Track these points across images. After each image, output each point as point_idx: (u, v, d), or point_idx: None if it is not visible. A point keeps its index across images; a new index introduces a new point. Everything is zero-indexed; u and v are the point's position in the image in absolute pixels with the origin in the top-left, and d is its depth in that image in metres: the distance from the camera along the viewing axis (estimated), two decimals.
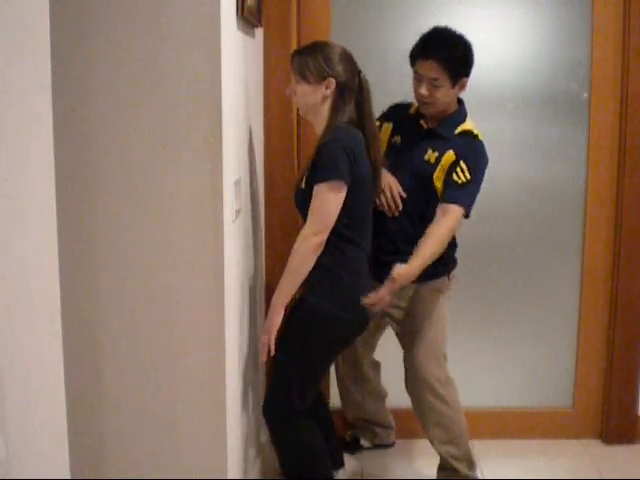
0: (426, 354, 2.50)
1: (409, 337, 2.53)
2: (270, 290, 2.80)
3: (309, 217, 2.12)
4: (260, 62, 2.66)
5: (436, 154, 2.40)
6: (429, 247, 2.29)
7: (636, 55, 2.74)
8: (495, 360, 3.04)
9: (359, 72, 2.22)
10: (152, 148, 1.77)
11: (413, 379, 2.52)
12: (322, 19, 2.79)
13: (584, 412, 3.03)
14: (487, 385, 3.04)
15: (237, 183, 2.02)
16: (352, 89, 2.19)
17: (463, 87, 2.40)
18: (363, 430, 2.89)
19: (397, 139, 2.50)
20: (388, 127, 2.53)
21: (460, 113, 2.45)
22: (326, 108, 2.18)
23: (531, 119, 2.88)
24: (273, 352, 2.15)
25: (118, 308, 1.84)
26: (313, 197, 2.11)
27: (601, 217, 2.90)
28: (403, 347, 2.57)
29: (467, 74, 2.38)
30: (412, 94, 2.46)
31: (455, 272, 2.58)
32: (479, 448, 2.82)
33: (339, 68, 2.16)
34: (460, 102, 2.47)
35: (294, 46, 2.74)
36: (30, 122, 1.02)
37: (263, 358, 2.21)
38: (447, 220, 2.33)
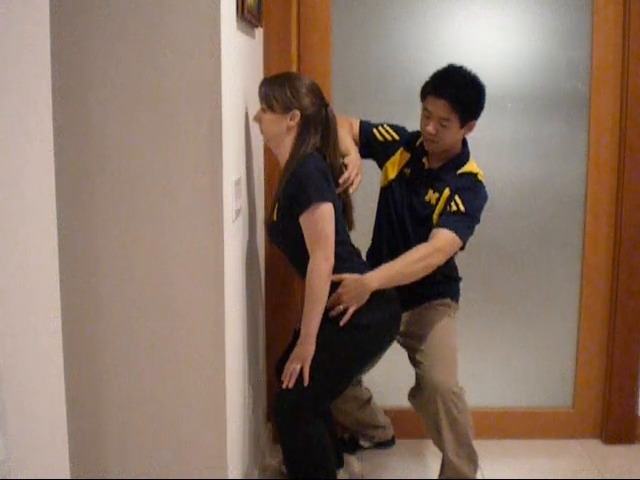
0: (440, 361, 2.42)
1: (419, 345, 2.47)
2: (270, 290, 2.81)
3: (312, 247, 2.12)
4: (260, 62, 2.66)
5: (436, 195, 2.41)
6: (400, 259, 2.29)
7: (636, 54, 2.74)
8: (495, 360, 3.04)
9: (326, 105, 2.23)
10: (152, 148, 1.77)
11: (427, 387, 2.41)
12: (322, 19, 2.79)
13: (584, 412, 3.03)
14: (487, 385, 3.04)
15: (237, 183, 2.02)
16: (318, 122, 2.20)
17: (470, 129, 2.40)
18: (358, 433, 2.87)
19: (407, 171, 2.50)
20: (406, 156, 2.50)
21: (463, 155, 2.45)
22: (290, 139, 2.19)
23: (531, 119, 2.88)
24: (307, 382, 2.14)
25: (118, 308, 1.84)
26: (304, 226, 2.12)
27: (601, 217, 2.90)
28: (413, 358, 2.49)
29: (476, 117, 2.37)
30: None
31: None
32: (479, 448, 2.81)
33: (306, 101, 2.17)
34: (464, 143, 2.46)
35: (294, 46, 2.75)
36: (30, 122, 1.02)
37: (290, 384, 2.15)
38: (432, 242, 2.32)
